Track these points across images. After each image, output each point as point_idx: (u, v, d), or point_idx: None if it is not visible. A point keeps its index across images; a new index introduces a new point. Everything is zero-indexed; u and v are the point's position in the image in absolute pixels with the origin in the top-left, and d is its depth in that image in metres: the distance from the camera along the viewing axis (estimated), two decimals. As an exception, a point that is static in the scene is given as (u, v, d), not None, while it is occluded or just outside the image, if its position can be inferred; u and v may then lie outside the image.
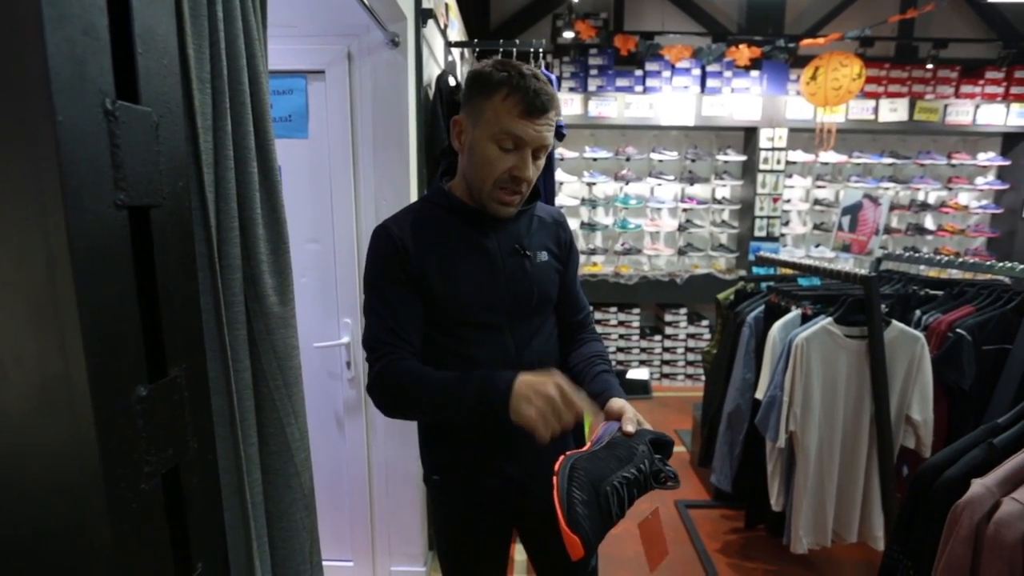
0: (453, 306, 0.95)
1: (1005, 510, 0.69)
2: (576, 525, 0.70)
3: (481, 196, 0.94)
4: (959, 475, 0.79)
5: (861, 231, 2.45)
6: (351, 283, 1.84)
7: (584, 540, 0.70)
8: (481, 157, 0.91)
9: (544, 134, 0.90)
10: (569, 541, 0.70)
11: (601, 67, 4.10)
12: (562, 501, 0.72)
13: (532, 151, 0.90)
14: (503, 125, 0.87)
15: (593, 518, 0.71)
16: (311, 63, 1.73)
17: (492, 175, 0.91)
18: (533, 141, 0.89)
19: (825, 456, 1.66)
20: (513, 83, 0.87)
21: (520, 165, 0.90)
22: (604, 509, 0.73)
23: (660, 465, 0.80)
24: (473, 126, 0.91)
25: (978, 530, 0.70)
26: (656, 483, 0.79)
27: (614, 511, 0.73)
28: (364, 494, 1.97)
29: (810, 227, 4.45)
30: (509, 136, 0.88)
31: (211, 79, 0.69)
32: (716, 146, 4.37)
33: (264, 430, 0.80)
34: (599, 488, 0.73)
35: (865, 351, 1.64)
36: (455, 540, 1.05)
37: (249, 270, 0.75)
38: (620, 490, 0.74)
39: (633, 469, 0.77)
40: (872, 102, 4.09)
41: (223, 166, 0.71)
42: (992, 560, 0.68)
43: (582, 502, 0.72)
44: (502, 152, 0.89)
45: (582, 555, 0.70)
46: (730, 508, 2.51)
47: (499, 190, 0.92)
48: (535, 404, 0.78)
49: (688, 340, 4.36)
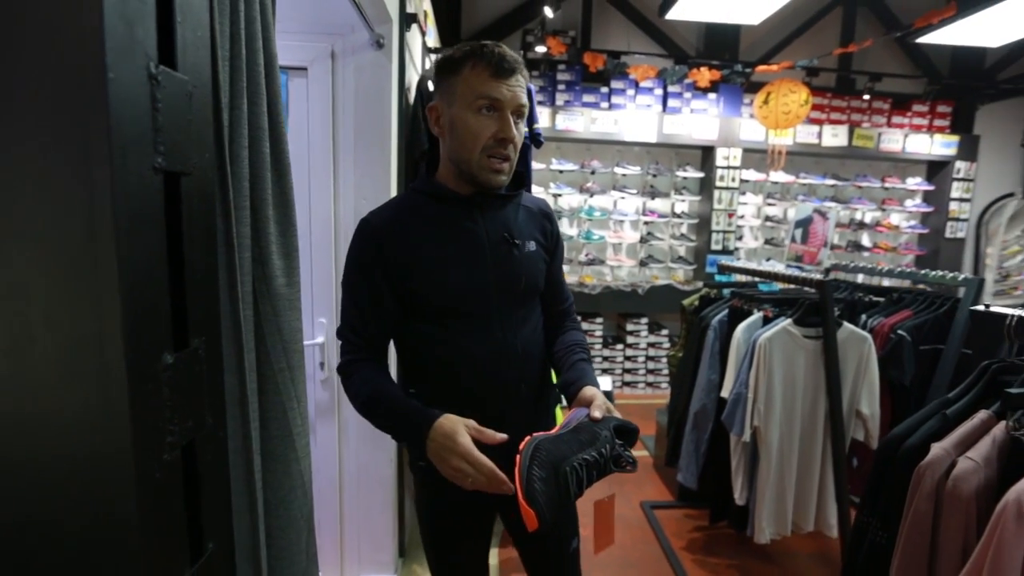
0: (440, 294, 0.96)
1: (961, 467, 0.79)
2: (532, 500, 0.75)
3: (471, 168, 0.94)
4: (919, 442, 0.89)
5: (812, 243, 2.63)
6: (327, 282, 1.81)
7: (539, 514, 0.74)
8: (463, 129, 0.92)
9: (518, 93, 0.92)
10: (526, 514, 0.75)
11: (569, 83, 4.24)
12: (522, 477, 0.77)
13: (512, 112, 0.92)
14: (477, 91, 0.90)
15: (550, 495, 0.76)
16: (294, 59, 1.72)
17: (479, 143, 0.92)
18: (509, 101, 0.91)
19: (785, 449, 1.76)
20: (476, 53, 0.90)
21: (503, 126, 0.91)
22: (562, 487, 0.77)
23: (620, 450, 0.84)
24: (449, 105, 0.93)
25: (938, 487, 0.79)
26: (615, 466, 0.84)
27: (572, 490, 0.78)
28: (334, 499, 1.92)
29: (761, 242, 4.71)
30: (486, 99, 0.90)
31: (231, 58, 0.69)
32: (676, 163, 4.58)
33: (266, 414, 0.79)
34: (559, 468, 0.78)
35: (820, 350, 1.77)
36: (440, 524, 1.07)
37: (258, 250, 0.75)
38: (579, 471, 0.79)
39: (594, 452, 0.82)
40: (816, 127, 4.42)
41: (238, 144, 0.71)
42: (951, 512, 0.77)
43: (540, 479, 0.76)
44: (483, 117, 0.91)
45: (537, 527, 0.75)
46: (693, 507, 2.60)
47: (488, 158, 0.93)
48: (446, 468, 0.84)
49: (649, 349, 4.50)
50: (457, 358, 0.98)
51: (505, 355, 0.99)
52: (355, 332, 0.98)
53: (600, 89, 4.26)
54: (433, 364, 1.00)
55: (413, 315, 0.99)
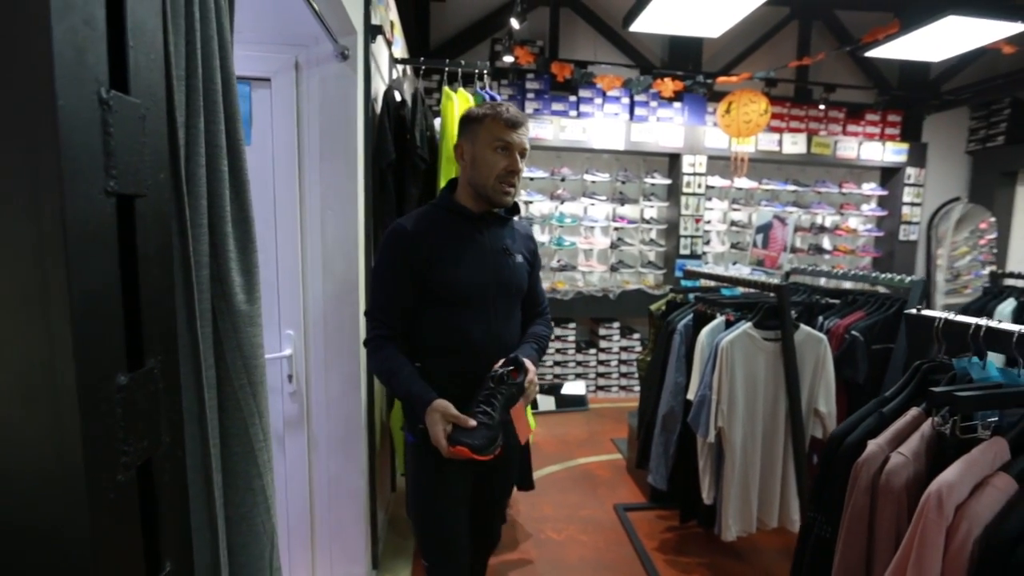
0: (452, 285, 1.25)
1: (893, 462, 0.84)
2: (456, 442, 1.14)
3: (487, 192, 1.28)
4: (857, 440, 0.95)
5: (772, 248, 2.74)
6: (294, 294, 1.80)
7: (470, 447, 1.13)
8: (483, 162, 1.27)
9: (524, 139, 1.28)
10: (460, 452, 1.13)
11: (538, 91, 4.30)
12: (452, 442, 1.16)
13: (518, 152, 1.27)
14: (495, 135, 1.25)
15: (474, 436, 1.14)
16: (257, 70, 1.71)
17: (494, 173, 1.26)
18: (517, 144, 1.27)
19: (749, 448, 1.82)
20: (494, 111, 1.27)
21: (512, 162, 1.27)
22: (483, 424, 1.16)
23: (502, 374, 1.20)
24: (472, 144, 1.28)
25: (873, 481, 0.84)
26: (507, 382, 1.20)
27: (491, 418, 1.16)
28: (305, 511, 1.90)
29: (728, 246, 4.85)
30: (501, 142, 1.25)
31: (186, 77, 0.70)
32: (644, 169, 4.69)
33: (228, 431, 0.79)
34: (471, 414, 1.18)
35: (779, 352, 1.84)
36: (429, 481, 1.32)
37: (217, 268, 0.75)
38: (480, 406, 1.18)
39: (484, 392, 1.20)
40: (777, 135, 4.59)
41: (194, 162, 0.71)
42: (885, 504, 0.82)
43: (460, 432, 1.16)
44: (498, 155, 1.26)
45: (468, 455, 1.12)
46: (664, 508, 2.65)
47: (500, 183, 1.27)
48: (432, 429, 1.18)
49: (621, 353, 4.57)
50: (460, 338, 1.27)
51: (496, 341, 1.30)
52: (382, 311, 1.28)
53: (568, 98, 4.33)
54: (440, 342, 1.28)
55: (430, 301, 1.27)
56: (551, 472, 3.17)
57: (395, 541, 2.39)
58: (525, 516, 2.65)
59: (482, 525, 1.52)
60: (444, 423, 1.16)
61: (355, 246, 1.83)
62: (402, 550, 2.32)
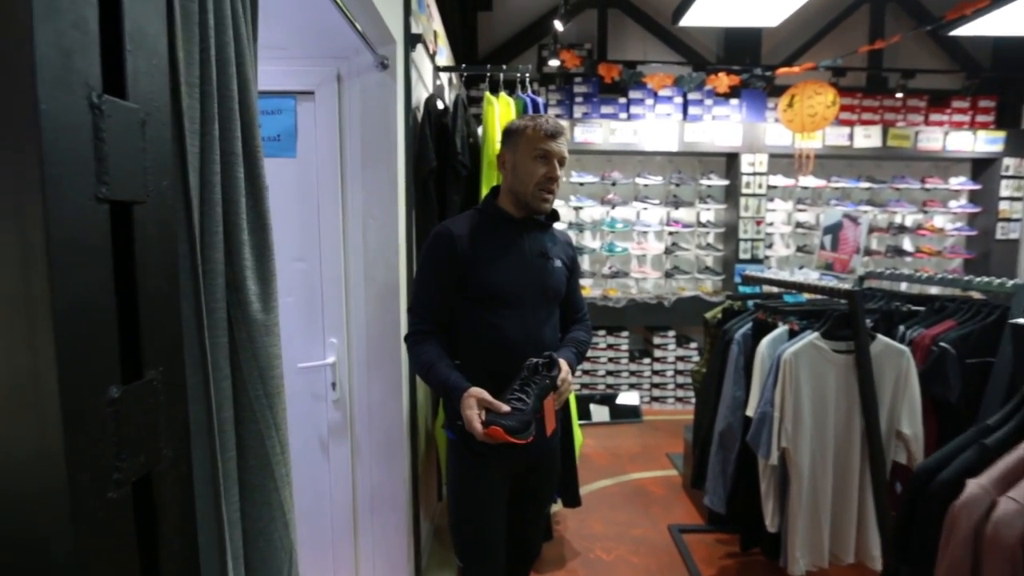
0: (492, 286, 1.29)
1: (1003, 509, 0.68)
2: (491, 423, 1.12)
3: (527, 198, 1.32)
4: (953, 477, 0.78)
5: (843, 250, 2.50)
6: (337, 302, 1.82)
7: (504, 428, 1.11)
8: (524, 170, 1.32)
9: (562, 148, 1.33)
10: (495, 433, 1.11)
11: (586, 95, 4.22)
12: (486, 424, 1.14)
13: (557, 161, 1.32)
14: (535, 145, 1.31)
15: (508, 418, 1.14)
16: (301, 84, 1.75)
17: (533, 180, 1.31)
18: (556, 153, 1.32)
19: (818, 473, 1.64)
20: (534, 123, 1.32)
21: (550, 169, 1.31)
22: (517, 409, 1.16)
23: (538, 366, 1.22)
24: (514, 153, 1.34)
25: (977, 531, 0.69)
26: (541, 372, 1.22)
27: (525, 404, 1.17)
28: (348, 521, 1.90)
29: (793, 249, 4.53)
30: (540, 151, 1.30)
31: (200, 84, 0.69)
32: (699, 171, 4.47)
33: (243, 442, 0.77)
34: (504, 400, 1.19)
35: (852, 365, 1.65)
36: (467, 477, 1.34)
37: (232, 276, 0.74)
38: (513, 393, 1.19)
39: (519, 381, 1.21)
40: (847, 129, 4.24)
41: (209, 170, 0.70)
42: (994, 561, 0.67)
43: (495, 416, 1.15)
44: (538, 163, 1.31)
45: (502, 437, 1.10)
46: (724, 532, 2.46)
47: (540, 190, 1.32)
48: (465, 412, 1.18)
49: (677, 363, 4.36)
50: (498, 337, 1.30)
51: (532, 342, 1.31)
52: (425, 308, 1.33)
53: (618, 100, 4.22)
54: (479, 340, 1.31)
55: (469, 301, 1.31)
56: (602, 487, 3.04)
57: (440, 552, 2.36)
58: (573, 533, 2.55)
59: (521, 533, 1.50)
60: (479, 408, 1.17)
61: (396, 253, 1.83)
62: (447, 562, 2.28)
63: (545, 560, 2.31)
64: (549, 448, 1.42)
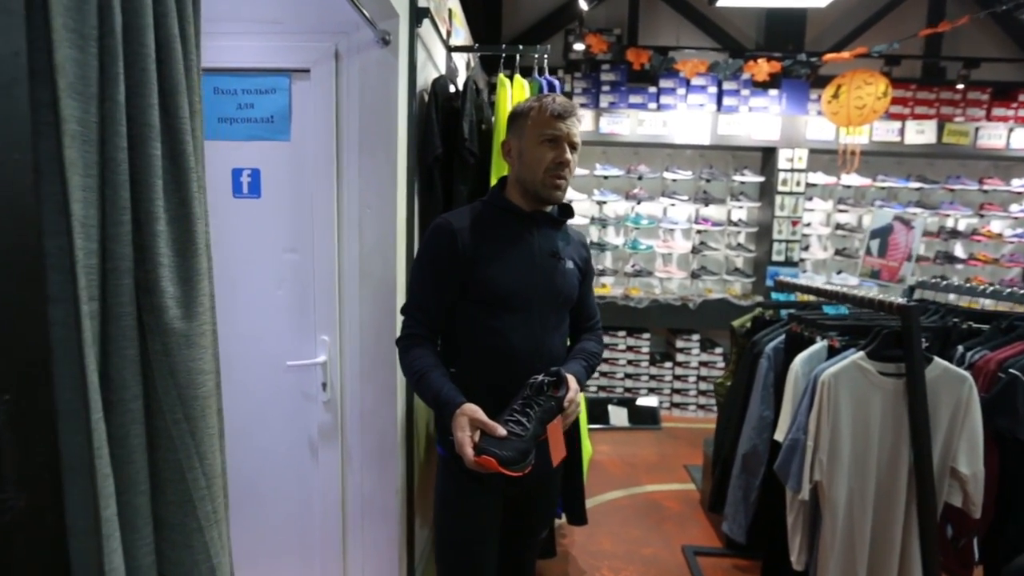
0: (495, 287, 1.16)
1: None
2: (482, 452, 0.98)
3: (536, 187, 1.18)
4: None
5: (892, 256, 2.25)
6: (330, 298, 1.69)
7: (498, 459, 0.97)
8: (531, 155, 1.18)
9: (572, 130, 1.17)
10: (486, 463, 0.97)
11: (614, 83, 3.99)
12: (478, 451, 1.00)
13: (567, 144, 1.17)
14: (541, 128, 1.16)
15: (503, 447, 0.99)
16: (296, 61, 1.62)
17: (542, 165, 1.16)
18: (566, 135, 1.17)
19: (856, 512, 1.44)
20: (539, 103, 1.18)
21: (560, 153, 1.16)
22: (514, 435, 1.02)
23: (543, 383, 1.08)
24: (519, 139, 1.21)
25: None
26: (546, 393, 1.08)
27: (524, 430, 1.03)
28: (336, 529, 1.79)
29: (831, 252, 4.23)
30: (548, 134, 1.16)
31: (98, 37, 0.55)
32: (732, 166, 4.21)
33: (160, 475, 0.64)
34: (501, 422, 1.04)
35: (903, 391, 1.44)
36: (457, 498, 1.22)
37: (143, 275, 0.60)
38: (512, 415, 1.05)
39: (519, 401, 1.07)
40: (898, 124, 3.90)
41: (112, 144, 0.57)
42: None
43: (488, 442, 1.01)
44: (545, 148, 1.16)
45: (494, 468, 0.96)
46: (744, 558, 2.27)
47: (549, 176, 1.17)
48: (455, 436, 1.04)
49: (701, 368, 4.14)
50: (498, 344, 1.16)
51: (538, 351, 1.18)
52: (420, 309, 1.21)
53: (648, 89, 3.98)
54: (478, 348, 1.18)
55: (468, 302, 1.18)
56: (613, 498, 2.87)
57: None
58: (580, 549, 2.40)
59: (514, 560, 1.38)
60: (471, 429, 1.03)
61: (393, 248, 1.69)
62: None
63: (545, 578, 2.17)
64: (548, 471, 1.27)
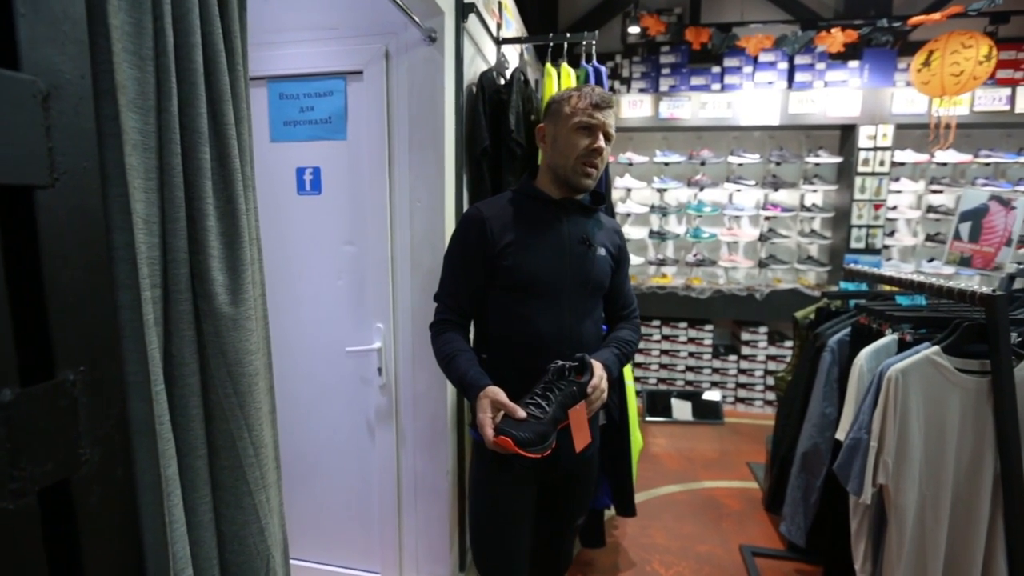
0: (524, 274, 1.17)
1: None
2: (501, 432, 1.00)
3: (567, 173, 1.19)
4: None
5: (986, 241, 2.01)
6: (384, 287, 1.79)
7: (515, 439, 0.98)
8: (565, 142, 1.19)
9: (608, 120, 1.18)
10: (503, 443, 0.98)
11: (674, 65, 3.84)
12: (497, 432, 1.01)
13: (602, 134, 1.18)
14: (578, 115, 1.17)
15: (521, 428, 1.00)
16: (350, 64, 1.71)
17: (575, 151, 1.17)
18: (601, 125, 1.18)
19: (929, 521, 1.33)
20: (578, 92, 1.19)
21: (594, 140, 1.17)
22: (532, 417, 1.03)
23: (565, 368, 1.07)
24: (555, 125, 1.21)
25: None
26: (567, 378, 1.08)
27: (543, 412, 1.03)
28: (392, 504, 1.90)
29: (922, 238, 3.84)
30: (584, 122, 1.17)
31: (154, 56, 0.63)
32: (806, 147, 3.93)
33: (215, 442, 0.73)
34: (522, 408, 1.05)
35: (986, 391, 1.30)
36: (490, 482, 1.24)
37: (197, 265, 0.69)
38: (532, 397, 1.06)
39: (541, 384, 1.08)
40: (1006, 90, 3.45)
41: (168, 151, 0.65)
42: None
43: (508, 424, 1.02)
44: (580, 135, 1.17)
45: (512, 448, 0.97)
46: (807, 562, 2.15)
47: (581, 163, 1.18)
48: (477, 417, 1.07)
49: (768, 362, 3.93)
50: (527, 330, 1.18)
51: (568, 338, 1.19)
52: (450, 296, 1.24)
53: (711, 69, 3.79)
54: (509, 334, 1.20)
55: (498, 288, 1.20)
56: (668, 493, 2.82)
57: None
58: (631, 541, 2.38)
59: (548, 547, 1.40)
60: (493, 410, 1.06)
61: (442, 238, 1.75)
62: (493, 555, 2.22)
63: (596, 568, 2.18)
64: (584, 458, 1.28)
